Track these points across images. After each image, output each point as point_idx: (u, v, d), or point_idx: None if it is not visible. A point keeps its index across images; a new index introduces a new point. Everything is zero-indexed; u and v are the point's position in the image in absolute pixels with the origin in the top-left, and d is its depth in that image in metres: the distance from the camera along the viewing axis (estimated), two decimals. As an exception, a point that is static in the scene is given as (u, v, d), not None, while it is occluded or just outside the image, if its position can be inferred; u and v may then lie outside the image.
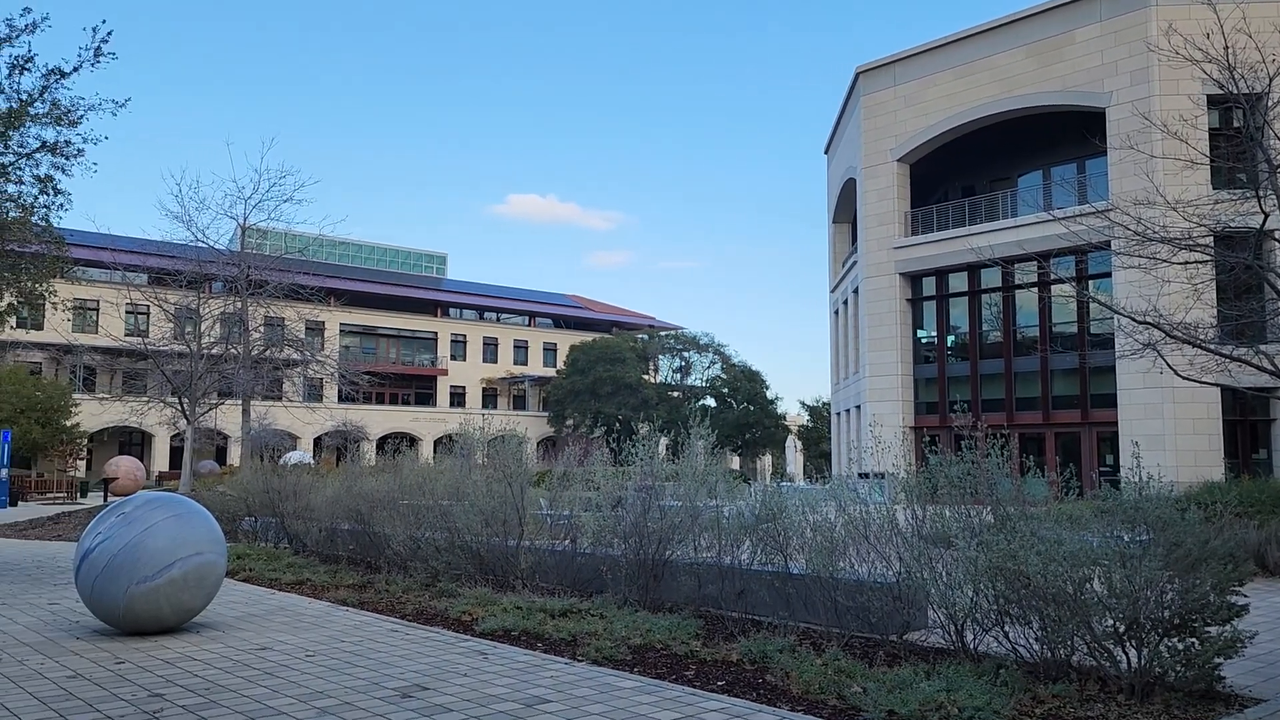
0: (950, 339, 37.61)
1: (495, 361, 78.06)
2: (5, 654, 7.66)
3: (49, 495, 40.86)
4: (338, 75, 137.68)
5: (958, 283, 37.01)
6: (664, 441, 10.68)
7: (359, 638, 8.32)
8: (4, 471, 34.73)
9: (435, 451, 60.29)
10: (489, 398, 77.27)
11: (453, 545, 11.06)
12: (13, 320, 13.21)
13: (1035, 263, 28.37)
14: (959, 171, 39.53)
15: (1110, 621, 6.10)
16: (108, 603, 8.31)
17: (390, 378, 67.72)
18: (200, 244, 27.48)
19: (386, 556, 12.14)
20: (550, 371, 76.25)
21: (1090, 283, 31.95)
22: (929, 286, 37.85)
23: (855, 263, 41.25)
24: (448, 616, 9.23)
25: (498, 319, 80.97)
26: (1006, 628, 6.64)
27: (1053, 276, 30.18)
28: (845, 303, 44.16)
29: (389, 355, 72.94)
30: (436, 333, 75.70)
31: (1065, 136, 34.13)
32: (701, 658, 7.30)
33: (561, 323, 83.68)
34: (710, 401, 69.49)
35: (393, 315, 73.24)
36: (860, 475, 11.42)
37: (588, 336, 74.87)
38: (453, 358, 75.95)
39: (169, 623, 8.53)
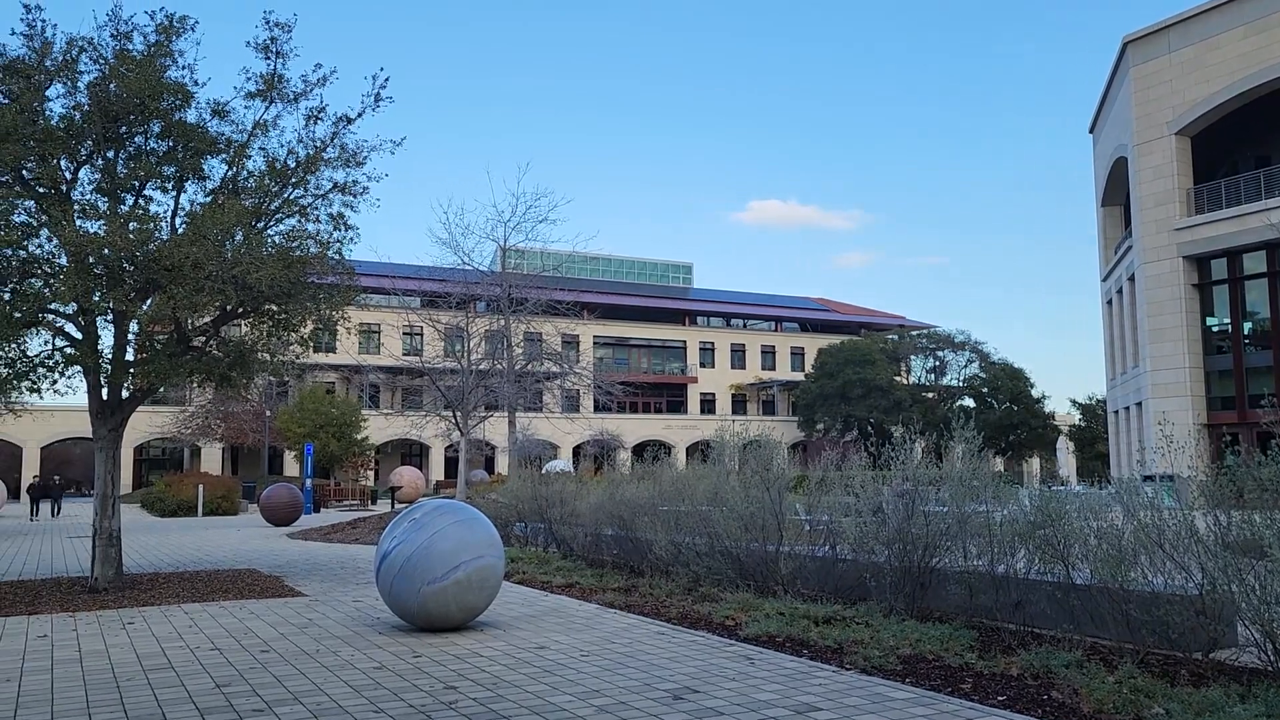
0: (1247, 326, 33.86)
1: (743, 367, 78.47)
2: (322, 645, 8.53)
3: (345, 502, 45.18)
4: (584, 94, 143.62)
5: (1254, 264, 33.28)
6: (920, 444, 10.29)
7: (628, 639, 8.58)
8: (308, 481, 38.77)
9: (688, 458, 61.24)
10: (738, 403, 77.72)
11: (712, 550, 11.20)
12: (311, 345, 14.63)
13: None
14: (1250, 140, 35.60)
15: None
16: (404, 601, 9.05)
17: (642, 387, 69.63)
18: (466, 267, 29.50)
19: (649, 561, 12.46)
20: (798, 376, 75.70)
21: None
22: (1219, 269, 34.28)
23: (1129, 248, 38.08)
24: (711, 620, 9.34)
25: (744, 325, 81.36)
26: (1339, 649, 5.87)
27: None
28: (1119, 291, 40.86)
29: (640, 365, 75.02)
30: (685, 341, 77.11)
31: (1382, 89, 29.93)
32: (978, 670, 6.96)
33: (808, 326, 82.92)
34: (968, 402, 66.44)
35: (643, 326, 75.32)
36: (1145, 478, 10.48)
37: (835, 339, 73.66)
38: (702, 365, 77.06)
39: (456, 620, 9.17)
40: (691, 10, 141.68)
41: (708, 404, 76.63)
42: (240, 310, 13.00)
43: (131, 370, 12.76)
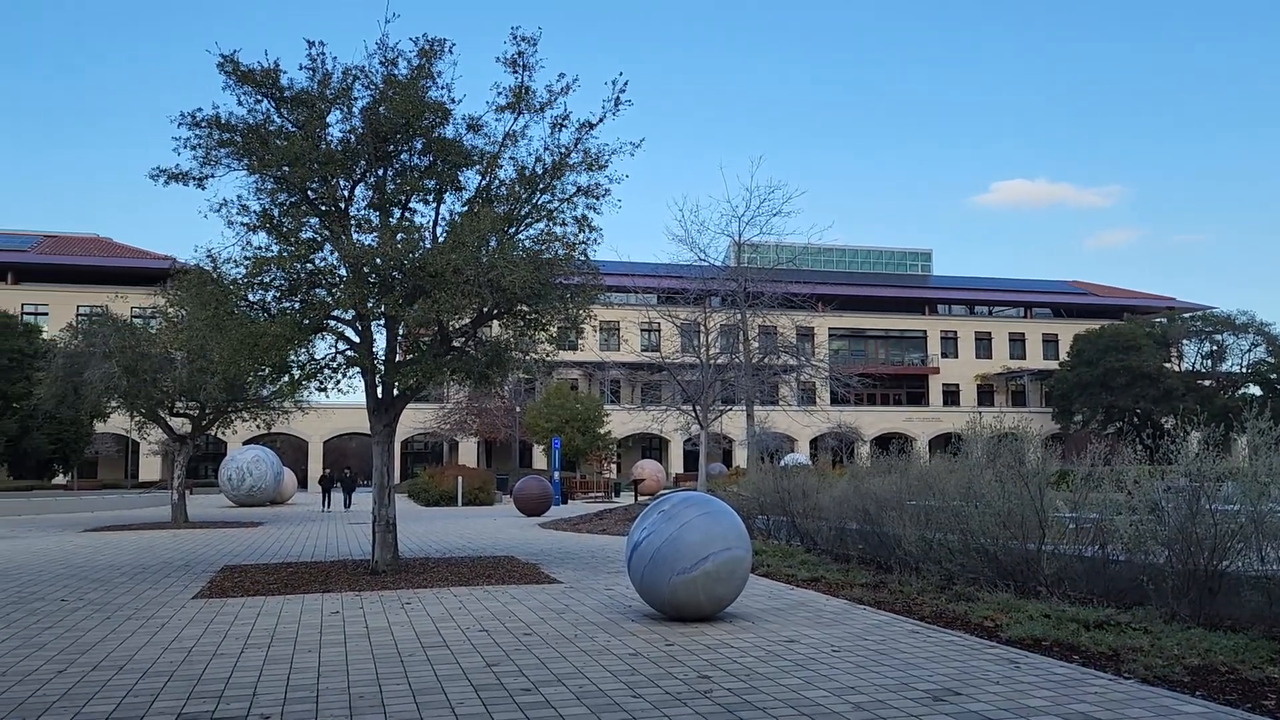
0: None
1: (989, 357, 74.81)
2: (579, 631, 8.89)
3: (590, 494, 46.91)
4: (815, 83, 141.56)
5: None
6: (1195, 436, 9.41)
7: (880, 636, 8.38)
8: (556, 474, 40.56)
9: (931, 451, 59.09)
10: (984, 395, 74.18)
11: (966, 547, 10.73)
12: (559, 343, 15.26)
13: None
14: None
15: None
16: (654, 590, 9.28)
17: (881, 378, 67.86)
18: (702, 263, 29.85)
19: (896, 557, 12.12)
20: (1051, 364, 71.26)
21: None
22: None
23: None
24: (968, 621, 8.96)
25: (989, 312, 77.53)
26: None
27: None
28: None
29: (878, 356, 73.18)
30: (925, 331, 74.47)
31: None
32: (1282, 686, 6.26)
33: (1062, 311, 77.85)
34: (1254, 389, 60.03)
35: (880, 316, 73.42)
36: None
37: (1093, 324, 68.73)
38: (943, 355, 74.16)
39: (705, 611, 9.30)
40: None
41: (950, 395, 73.60)
42: (495, 312, 13.76)
43: (402, 370, 13.81)
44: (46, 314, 57.49)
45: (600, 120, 13.43)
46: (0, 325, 39.04)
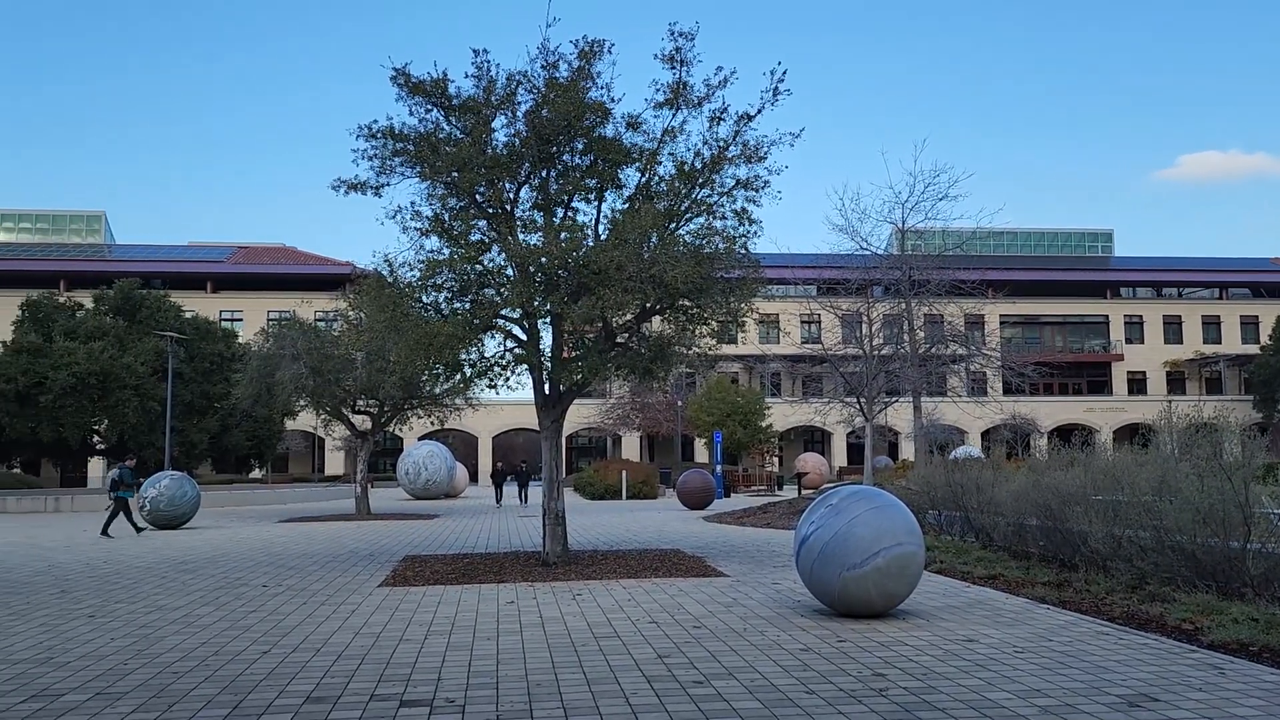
0: None
1: (1179, 342, 70.08)
2: (748, 625, 8.86)
3: (752, 488, 46.71)
4: (979, 59, 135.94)
5: None
6: None
7: (1066, 638, 7.98)
8: (718, 467, 40.58)
9: (1114, 443, 55.84)
10: (1174, 382, 69.54)
11: (1160, 545, 10.08)
12: (720, 337, 15.23)
13: None
14: None
15: None
16: (824, 585, 9.14)
17: (1058, 367, 64.63)
18: (864, 251, 29.15)
19: (1082, 554, 11.51)
20: (1251, 348, 66.05)
21: None
22: None
23: None
24: (1164, 623, 8.42)
25: (1179, 294, 72.61)
26: None
27: None
28: None
29: (1054, 343, 69.71)
30: (1106, 316, 70.47)
31: None
32: None
33: (1262, 291, 72.07)
34: None
35: (1056, 301, 69.98)
36: None
37: (1300, 304, 63.23)
38: (1127, 341, 69.98)
39: (876, 608, 9.09)
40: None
41: (1136, 383, 69.36)
42: (657, 307, 13.86)
43: (568, 366, 14.11)
44: (241, 320, 61.88)
45: (759, 112, 13.31)
46: (202, 331, 42.25)
